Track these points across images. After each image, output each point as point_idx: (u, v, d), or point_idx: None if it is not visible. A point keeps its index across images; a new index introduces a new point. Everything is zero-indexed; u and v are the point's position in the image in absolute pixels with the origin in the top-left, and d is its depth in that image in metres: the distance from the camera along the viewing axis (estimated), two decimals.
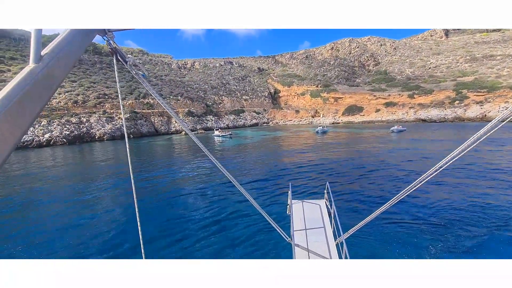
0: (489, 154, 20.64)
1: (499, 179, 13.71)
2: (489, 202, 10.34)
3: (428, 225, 8.58)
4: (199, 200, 12.51)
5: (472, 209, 9.70)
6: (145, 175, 18.48)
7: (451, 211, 9.67)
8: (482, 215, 9.20)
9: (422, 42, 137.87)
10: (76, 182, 17.32)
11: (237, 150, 31.57)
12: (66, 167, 23.72)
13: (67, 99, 59.12)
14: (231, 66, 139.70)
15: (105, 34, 1.46)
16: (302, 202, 7.05)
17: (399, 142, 32.62)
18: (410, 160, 20.39)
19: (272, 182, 14.99)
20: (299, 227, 5.72)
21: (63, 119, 50.94)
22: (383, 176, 15.63)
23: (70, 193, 14.70)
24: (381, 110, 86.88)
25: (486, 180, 13.62)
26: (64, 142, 46.50)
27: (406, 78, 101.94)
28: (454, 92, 78.19)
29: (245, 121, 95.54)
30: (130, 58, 1.66)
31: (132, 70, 1.74)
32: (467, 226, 8.44)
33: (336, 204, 10.24)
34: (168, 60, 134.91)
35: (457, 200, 10.80)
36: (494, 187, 12.44)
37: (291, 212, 6.32)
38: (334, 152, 26.00)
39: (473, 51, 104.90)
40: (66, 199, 13.48)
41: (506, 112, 1.75)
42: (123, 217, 10.78)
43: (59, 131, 47.73)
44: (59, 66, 1.15)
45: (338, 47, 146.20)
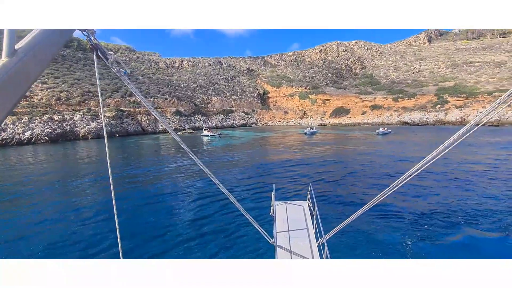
0: (466, 155, 21.67)
1: (473, 181, 14.46)
2: (466, 201, 10.93)
3: (409, 225, 8.96)
4: (180, 201, 12.29)
5: (452, 208, 10.22)
6: (126, 173, 18.19)
7: (430, 211, 10.13)
8: (460, 214, 9.71)
9: (406, 47, 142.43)
10: (54, 180, 16.80)
11: (226, 150, 31.53)
12: (46, 164, 22.92)
13: (50, 96, 57.03)
14: (220, 66, 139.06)
15: (85, 30, 1.37)
16: (285, 204, 7.11)
17: (384, 144, 33.63)
18: (394, 161, 21.10)
19: (258, 183, 15.01)
20: (282, 229, 5.77)
21: (45, 116, 49.11)
22: (367, 177, 16.08)
23: (48, 192, 14.27)
24: (367, 113, 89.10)
25: (462, 181, 14.33)
26: (46, 140, 44.85)
27: (391, 82, 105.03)
28: (436, 97, 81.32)
29: (234, 121, 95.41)
30: (112, 55, 1.64)
31: (114, 68, 1.70)
32: (446, 227, 8.88)
33: (320, 205, 10.35)
34: (155, 58, 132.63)
35: (435, 200, 11.30)
36: (470, 188, 13.13)
37: (274, 214, 6.35)
38: (321, 153, 26.48)
39: (454, 57, 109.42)
40: (42, 198, 13.08)
41: (480, 116, 1.84)
42: (101, 216, 10.55)
43: (40, 129, 45.99)
44: (34, 61, 1.09)
45: (327, 50, 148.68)
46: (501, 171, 16.31)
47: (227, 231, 8.91)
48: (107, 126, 56.53)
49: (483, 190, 12.50)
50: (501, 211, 9.80)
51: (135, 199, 12.68)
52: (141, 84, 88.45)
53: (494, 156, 21.66)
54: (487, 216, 9.44)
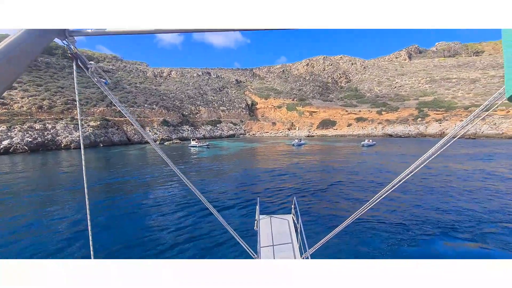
0: (447, 166, 22.65)
1: (452, 190, 15.11)
2: (450, 209, 11.38)
3: (393, 237, 9.14)
4: (158, 214, 11.72)
5: (435, 217, 10.59)
6: (105, 182, 17.67)
7: (414, 221, 10.43)
8: (445, 223, 10.07)
9: (388, 63, 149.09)
10: (29, 190, 16.07)
11: (213, 160, 31.31)
12: (21, 174, 21.89)
13: (31, 104, 55.09)
14: (209, 76, 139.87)
15: (66, 38, 1.31)
16: (270, 218, 6.99)
17: (369, 155, 34.51)
18: (379, 172, 21.66)
19: (244, 196, 14.81)
20: (266, 243, 5.68)
21: (25, 125, 47.19)
22: (352, 189, 16.28)
23: (21, 201, 13.62)
24: (353, 125, 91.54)
25: (442, 190, 14.92)
26: (25, 150, 42.93)
27: (375, 95, 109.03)
28: (417, 110, 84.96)
29: (222, 132, 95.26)
30: (92, 65, 1.61)
31: (94, 77, 1.66)
32: (428, 235, 9.17)
33: (306, 218, 10.27)
34: (143, 67, 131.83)
35: (418, 211, 11.65)
36: (451, 197, 13.68)
37: (259, 228, 6.18)
38: (308, 165, 26.82)
39: (432, 73, 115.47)
40: (14, 205, 12.45)
41: (457, 129, 1.91)
42: (73, 221, 10.29)
43: (20, 138, 44.06)
44: (8, 68, 1.04)
45: (313, 63, 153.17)
46: (477, 180, 17.12)
47: (207, 246, 8.55)
48: (91, 136, 54.97)
49: (461, 199, 13.04)
50: (477, 219, 10.26)
51: (112, 210, 12.24)
52: (127, 94, 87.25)
53: (473, 166, 22.73)
54: (466, 223, 9.85)
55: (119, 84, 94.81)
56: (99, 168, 25.93)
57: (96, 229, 9.93)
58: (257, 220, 6.55)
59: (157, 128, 74.62)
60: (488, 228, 9.54)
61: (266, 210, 11.72)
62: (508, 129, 59.92)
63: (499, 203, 12.36)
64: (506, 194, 14.08)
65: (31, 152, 42.91)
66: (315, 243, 4.05)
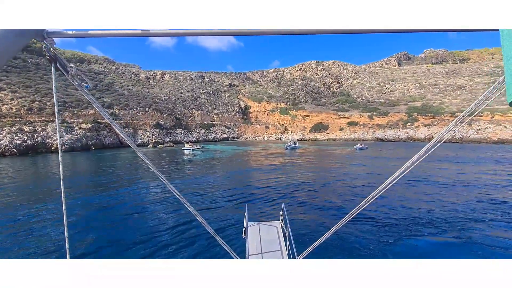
0: (434, 169, 23.48)
1: (440, 190, 15.76)
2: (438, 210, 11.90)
3: (383, 241, 9.31)
4: (145, 220, 11.35)
5: (422, 219, 11.07)
6: (92, 183, 17.62)
7: (403, 225, 10.75)
8: (432, 223, 10.56)
9: (379, 69, 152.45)
10: (11, 195, 15.89)
11: (208, 164, 31.43)
12: (5, 177, 21.52)
13: (20, 106, 53.99)
14: (203, 80, 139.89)
15: (44, 39, 1.24)
16: (258, 224, 6.95)
17: (361, 159, 35.28)
18: (370, 175, 22.27)
19: (235, 200, 14.42)
20: (254, 251, 5.61)
21: (14, 127, 46.20)
22: (341, 193, 16.44)
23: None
24: (345, 129, 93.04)
25: (435, 191, 15.55)
26: (14, 153, 41.97)
27: (366, 100, 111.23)
28: (406, 115, 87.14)
29: (215, 135, 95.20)
30: (73, 67, 1.52)
31: (74, 81, 1.58)
32: (418, 238, 9.62)
33: (295, 224, 10.15)
34: (136, 70, 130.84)
35: (407, 213, 11.96)
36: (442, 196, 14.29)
37: (247, 235, 6.12)
38: (301, 169, 27.25)
39: (421, 79, 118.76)
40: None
41: (441, 134, 1.97)
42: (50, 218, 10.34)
43: (8, 140, 43.09)
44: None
45: (306, 68, 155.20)
46: (464, 181, 17.87)
47: (193, 252, 8.18)
48: (83, 138, 54.21)
49: (450, 199, 13.65)
50: (462, 217, 10.81)
51: (95, 211, 12.15)
52: (120, 96, 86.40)
53: (458, 169, 23.63)
54: (455, 222, 10.37)
55: (111, 87, 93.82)
56: (87, 171, 25.69)
57: (74, 230, 9.99)
58: (245, 227, 6.49)
59: (150, 131, 74.06)
60: (487, 228, 10.08)
61: (256, 216, 11.48)
62: (493, 134, 62.16)
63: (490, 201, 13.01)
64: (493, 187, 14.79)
65: (19, 155, 41.99)
66: (304, 249, 4.03)
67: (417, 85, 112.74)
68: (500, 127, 62.72)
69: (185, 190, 16.60)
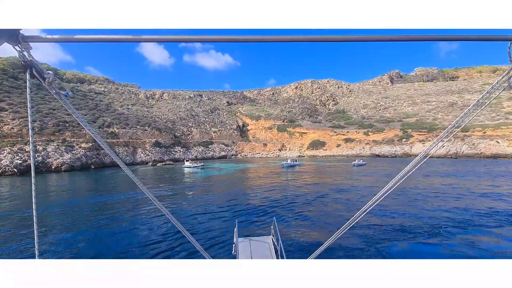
0: (430, 182, 24.23)
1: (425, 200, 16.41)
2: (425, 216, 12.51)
3: (373, 255, 9.19)
4: (136, 237, 11.31)
5: (409, 232, 11.66)
6: (92, 202, 17.94)
7: (394, 239, 10.50)
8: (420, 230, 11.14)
9: (372, 87, 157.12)
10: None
11: (208, 181, 31.86)
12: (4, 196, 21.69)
13: (22, 126, 54.57)
14: (201, 98, 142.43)
15: (19, 43, 1.13)
16: (249, 240, 6.84)
17: (360, 174, 36.03)
18: (369, 191, 22.93)
19: (239, 217, 14.12)
20: None
21: (15, 146, 46.50)
22: (338, 208, 16.84)
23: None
24: (342, 145, 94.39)
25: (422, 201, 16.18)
26: (14, 172, 42.00)
27: (361, 117, 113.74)
28: (401, 131, 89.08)
29: (214, 153, 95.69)
30: (50, 74, 1.40)
31: (52, 89, 1.46)
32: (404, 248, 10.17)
33: (291, 239, 10.14)
34: (135, 89, 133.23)
35: (397, 229, 11.76)
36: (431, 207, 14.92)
37: (237, 252, 5.91)
38: (303, 184, 27.83)
39: (413, 96, 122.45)
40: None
41: (426, 150, 2.04)
42: None
43: (9, 160, 43.24)
44: None
45: (302, 86, 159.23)
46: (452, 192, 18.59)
47: None
48: (83, 158, 54.45)
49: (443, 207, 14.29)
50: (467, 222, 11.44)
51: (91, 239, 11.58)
52: (120, 115, 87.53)
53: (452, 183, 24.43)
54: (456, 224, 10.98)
55: (110, 106, 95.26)
56: (89, 191, 25.91)
57: None
58: (236, 244, 6.27)
59: (149, 149, 74.47)
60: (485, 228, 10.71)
61: (250, 231, 11.38)
62: (486, 148, 63.71)
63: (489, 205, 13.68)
64: None
65: (20, 175, 41.98)
66: None
67: (410, 102, 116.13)
68: (493, 142, 64.44)
69: (186, 208, 17.03)
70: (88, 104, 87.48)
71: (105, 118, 79.32)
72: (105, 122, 76.71)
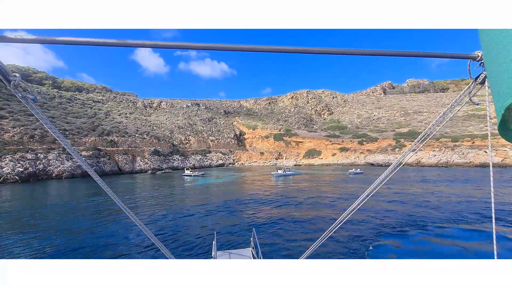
0: (424, 189, 25.88)
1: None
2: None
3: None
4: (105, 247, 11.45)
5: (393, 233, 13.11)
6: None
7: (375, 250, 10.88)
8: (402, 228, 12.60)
9: (365, 97, 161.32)
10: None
11: (209, 189, 33.00)
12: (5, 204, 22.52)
13: (23, 134, 55.16)
14: (198, 107, 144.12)
15: None
16: (229, 253, 6.81)
17: (356, 182, 37.61)
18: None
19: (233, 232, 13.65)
20: None
21: (16, 154, 47.01)
22: (327, 214, 17.27)
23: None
24: (337, 154, 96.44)
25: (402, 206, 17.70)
26: (16, 180, 42.47)
27: (355, 127, 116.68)
28: (394, 141, 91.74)
29: (212, 162, 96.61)
30: (17, 77, 1.18)
31: (18, 93, 1.25)
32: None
33: (274, 250, 10.06)
34: (133, 98, 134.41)
35: (376, 236, 12.46)
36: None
37: None
38: (299, 193, 29.19)
39: (406, 107, 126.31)
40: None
41: (401, 157, 2.02)
42: None
43: (11, 168, 43.72)
44: None
45: (297, 96, 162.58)
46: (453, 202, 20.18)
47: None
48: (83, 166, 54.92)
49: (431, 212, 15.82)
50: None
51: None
52: (118, 124, 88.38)
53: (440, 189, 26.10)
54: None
55: (109, 114, 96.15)
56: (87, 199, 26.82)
57: None
58: (214, 257, 6.21)
59: (148, 157, 75.19)
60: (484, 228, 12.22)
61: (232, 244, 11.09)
62: (475, 158, 66.32)
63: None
64: None
65: (21, 182, 42.45)
66: None
67: (402, 112, 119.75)
68: (481, 151, 67.16)
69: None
70: (87, 113, 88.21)
71: (105, 127, 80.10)
72: (105, 130, 77.47)
